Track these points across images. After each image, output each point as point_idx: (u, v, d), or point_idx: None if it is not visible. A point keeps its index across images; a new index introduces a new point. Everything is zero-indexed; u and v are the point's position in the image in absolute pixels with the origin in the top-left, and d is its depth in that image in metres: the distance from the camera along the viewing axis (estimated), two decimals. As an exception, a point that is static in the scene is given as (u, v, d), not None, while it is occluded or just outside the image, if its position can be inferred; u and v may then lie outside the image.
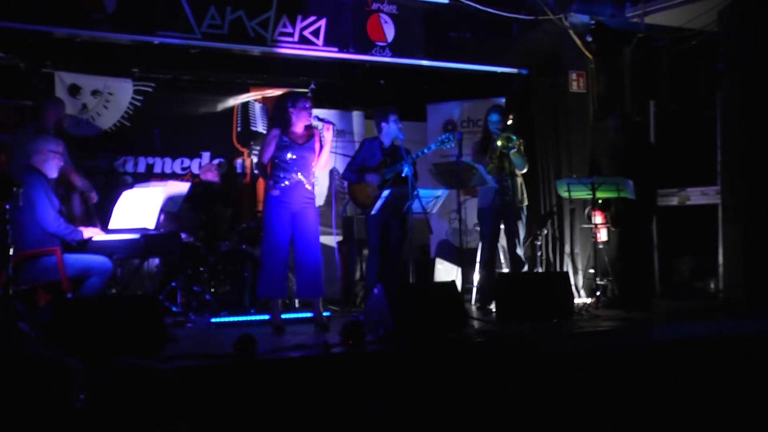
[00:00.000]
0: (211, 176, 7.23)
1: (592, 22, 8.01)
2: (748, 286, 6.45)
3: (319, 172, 6.31)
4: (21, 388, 2.51)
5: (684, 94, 8.15)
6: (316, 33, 7.03)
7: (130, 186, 7.21)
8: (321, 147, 5.88)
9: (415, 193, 6.04)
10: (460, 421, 4.41)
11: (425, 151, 6.53)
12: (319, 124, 5.92)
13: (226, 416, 3.96)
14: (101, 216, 6.38)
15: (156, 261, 6.59)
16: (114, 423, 3.38)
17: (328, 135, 5.87)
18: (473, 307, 6.99)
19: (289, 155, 5.74)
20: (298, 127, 5.82)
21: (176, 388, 3.57)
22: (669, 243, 7.88)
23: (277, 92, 8.28)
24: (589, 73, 8.10)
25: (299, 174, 5.76)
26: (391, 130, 6.43)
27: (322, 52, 7.13)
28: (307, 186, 5.80)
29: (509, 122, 6.72)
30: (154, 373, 3.39)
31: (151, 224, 5.80)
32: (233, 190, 7.78)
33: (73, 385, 2.57)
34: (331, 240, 7.51)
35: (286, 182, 5.73)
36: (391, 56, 7.37)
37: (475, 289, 7.22)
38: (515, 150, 6.58)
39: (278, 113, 5.86)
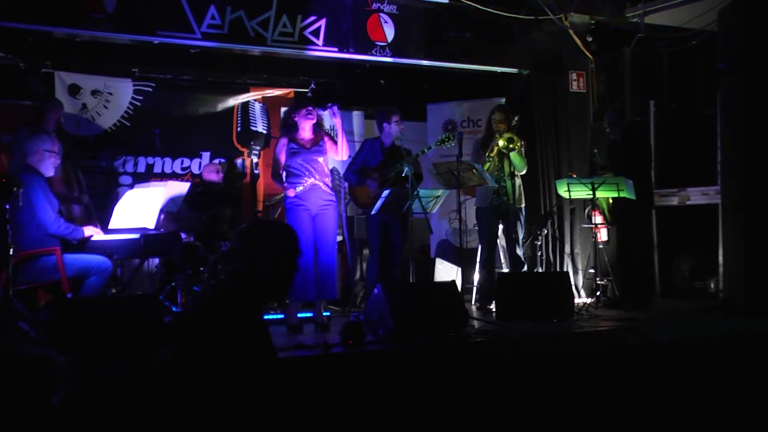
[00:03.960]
0: (215, 176, 7.24)
1: (592, 22, 8.01)
2: (748, 286, 6.44)
3: (341, 160, 6.38)
4: (7, 386, 2.52)
5: (684, 94, 8.15)
6: (316, 33, 7.02)
7: (130, 186, 7.23)
8: (335, 143, 5.97)
9: (415, 193, 6.05)
10: (460, 421, 4.41)
11: (425, 150, 6.54)
12: (326, 112, 6.00)
13: (226, 415, 3.95)
14: (101, 216, 6.38)
15: (156, 261, 6.59)
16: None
17: (337, 121, 6.01)
18: (473, 307, 6.98)
19: (299, 161, 5.82)
20: (305, 132, 5.89)
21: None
22: (669, 243, 7.88)
23: (277, 92, 8.29)
24: (589, 73, 8.11)
25: (313, 178, 5.82)
26: (392, 131, 6.46)
27: (322, 52, 7.13)
28: (324, 188, 5.87)
29: (513, 123, 6.73)
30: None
31: (151, 224, 5.81)
32: (233, 190, 7.78)
33: (58, 381, 2.57)
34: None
35: (301, 187, 5.79)
36: (391, 56, 7.37)
37: (475, 289, 7.21)
38: (516, 151, 6.59)
39: (284, 121, 5.97)
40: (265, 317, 6.06)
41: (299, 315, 5.91)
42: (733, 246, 6.64)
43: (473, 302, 7.16)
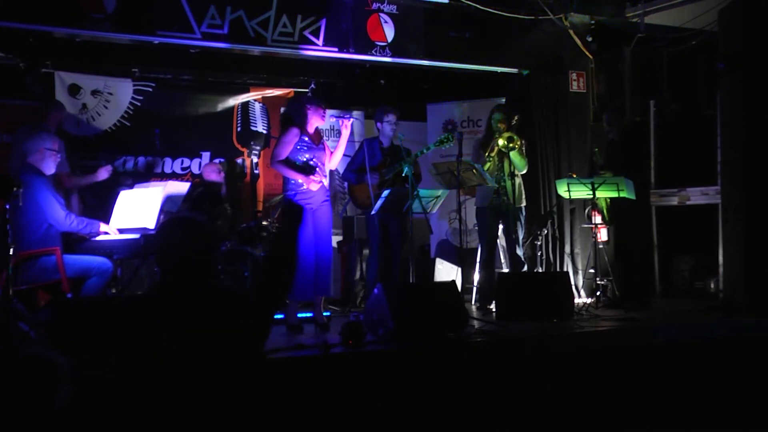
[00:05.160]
0: (215, 176, 7.24)
1: (592, 22, 8.02)
2: (748, 286, 6.44)
3: (334, 168, 6.38)
4: (7, 386, 2.53)
5: (684, 94, 8.15)
6: (316, 33, 7.02)
7: (130, 186, 7.23)
8: (333, 146, 5.96)
9: (415, 193, 6.05)
10: (460, 421, 4.41)
11: (424, 151, 6.53)
12: (336, 121, 5.96)
13: (226, 416, 3.96)
14: (101, 216, 6.37)
15: (156, 261, 6.59)
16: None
17: (345, 132, 5.96)
18: (473, 307, 6.99)
19: (308, 156, 5.79)
20: (312, 128, 5.86)
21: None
22: (669, 243, 7.88)
23: (277, 92, 8.29)
24: (589, 73, 8.11)
25: (320, 175, 5.83)
26: (385, 130, 6.46)
27: (322, 52, 7.13)
28: (326, 185, 5.87)
29: (513, 122, 6.72)
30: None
31: (151, 224, 5.80)
32: (233, 190, 7.78)
33: (58, 382, 2.58)
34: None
35: (317, 185, 5.77)
36: (391, 56, 7.37)
37: (475, 289, 7.21)
38: (516, 150, 6.59)
39: (295, 112, 5.87)
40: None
41: (299, 315, 5.91)
42: (733, 246, 6.64)
43: (473, 302, 7.16)
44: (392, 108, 6.53)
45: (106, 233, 5.45)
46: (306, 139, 5.79)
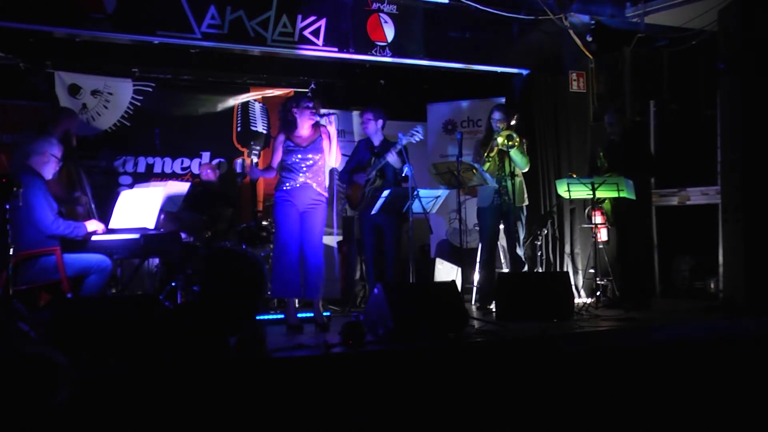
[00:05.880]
0: (204, 176, 7.24)
1: (592, 22, 8.02)
2: (748, 286, 6.45)
3: (334, 165, 6.35)
4: (6, 385, 2.53)
5: (684, 94, 8.15)
6: (316, 33, 7.03)
7: (130, 186, 7.23)
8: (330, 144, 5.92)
9: (415, 193, 6.05)
10: (460, 421, 4.41)
11: (398, 146, 6.44)
12: (323, 120, 5.93)
13: (226, 416, 3.96)
14: (101, 216, 6.38)
15: (156, 261, 6.59)
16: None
17: (332, 129, 5.90)
18: (473, 307, 6.99)
19: (293, 158, 5.79)
20: (304, 129, 5.85)
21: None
22: (669, 243, 7.88)
23: (277, 92, 8.29)
24: (589, 73, 8.11)
25: (305, 176, 5.79)
26: (364, 129, 6.53)
27: (322, 52, 7.14)
28: (315, 187, 5.83)
29: (513, 122, 6.72)
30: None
31: (151, 224, 5.81)
32: (233, 190, 7.78)
33: (58, 382, 2.59)
34: (331, 240, 7.51)
35: (292, 183, 5.77)
36: (391, 56, 7.37)
37: (475, 289, 7.22)
38: (515, 148, 6.58)
39: (282, 116, 5.90)
40: (266, 317, 6.08)
41: (299, 315, 5.91)
42: (733, 246, 6.64)
43: (473, 302, 7.16)
44: (371, 107, 6.61)
45: (96, 232, 5.43)
46: (290, 143, 5.82)
